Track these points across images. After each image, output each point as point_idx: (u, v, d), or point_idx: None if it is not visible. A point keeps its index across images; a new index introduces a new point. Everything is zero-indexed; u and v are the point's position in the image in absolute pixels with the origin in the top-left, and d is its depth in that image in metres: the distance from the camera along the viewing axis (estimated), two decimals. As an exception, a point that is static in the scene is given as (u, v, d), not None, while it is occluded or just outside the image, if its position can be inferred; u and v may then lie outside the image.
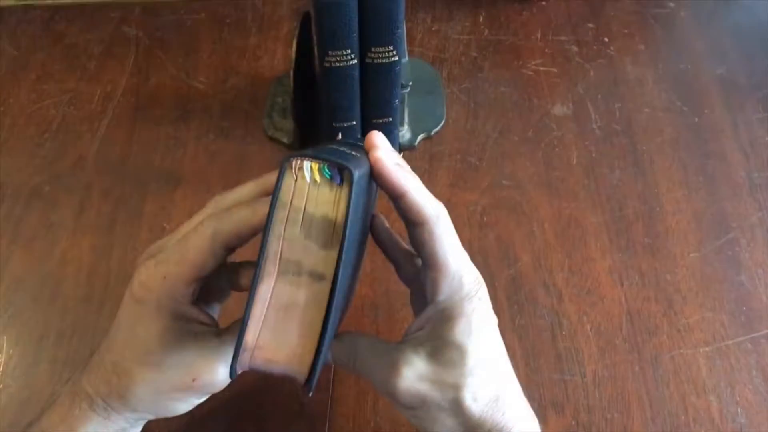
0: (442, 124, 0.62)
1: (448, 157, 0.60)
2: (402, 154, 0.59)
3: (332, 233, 0.30)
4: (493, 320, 0.38)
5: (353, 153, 0.33)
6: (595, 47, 0.69)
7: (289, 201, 0.30)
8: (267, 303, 0.30)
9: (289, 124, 0.61)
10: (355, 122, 0.54)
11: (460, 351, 0.34)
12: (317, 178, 0.30)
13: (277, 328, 0.30)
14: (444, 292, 0.34)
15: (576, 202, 0.57)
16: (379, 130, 0.55)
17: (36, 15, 0.72)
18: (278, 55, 0.68)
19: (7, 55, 0.68)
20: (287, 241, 0.30)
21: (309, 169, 0.30)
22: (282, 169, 0.30)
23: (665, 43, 0.70)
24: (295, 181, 0.30)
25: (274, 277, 0.30)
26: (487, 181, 0.58)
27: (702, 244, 0.55)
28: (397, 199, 0.33)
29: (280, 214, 0.30)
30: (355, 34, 0.47)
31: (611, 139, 0.61)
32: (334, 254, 0.30)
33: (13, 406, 0.46)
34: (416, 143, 0.60)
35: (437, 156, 0.60)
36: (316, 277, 0.30)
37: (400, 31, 0.48)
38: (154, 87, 0.65)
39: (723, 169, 0.59)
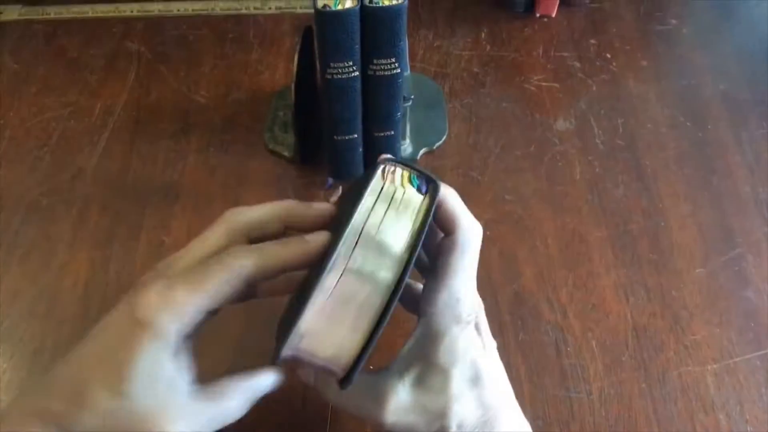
0: (444, 138, 0.62)
1: (450, 171, 0.60)
2: (404, 168, 0.59)
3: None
4: (490, 344, 0.37)
5: None
6: (597, 63, 0.69)
7: (373, 204, 0.31)
8: (329, 293, 0.30)
9: (290, 138, 0.60)
10: (356, 135, 0.54)
11: (444, 375, 0.34)
12: (405, 185, 0.32)
13: (332, 320, 0.30)
14: (437, 306, 0.34)
15: (579, 216, 0.56)
16: (380, 144, 0.55)
17: (38, 29, 0.72)
18: (280, 70, 0.68)
19: (8, 69, 0.68)
20: (363, 239, 0.31)
21: (400, 175, 0.32)
22: (374, 170, 0.32)
23: (668, 60, 0.70)
24: (383, 185, 0.32)
25: (342, 270, 0.30)
26: (489, 195, 0.58)
27: (708, 259, 0.54)
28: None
29: (361, 214, 0.31)
30: (357, 46, 0.47)
31: (615, 154, 0.61)
32: (404, 259, 0.31)
33: (5, 421, 0.45)
34: (418, 157, 0.60)
35: (439, 170, 0.60)
36: (381, 278, 0.31)
37: (402, 43, 0.47)
38: (155, 101, 0.65)
39: (728, 185, 0.59)
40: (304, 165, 0.59)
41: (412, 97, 0.55)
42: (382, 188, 0.32)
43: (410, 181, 0.32)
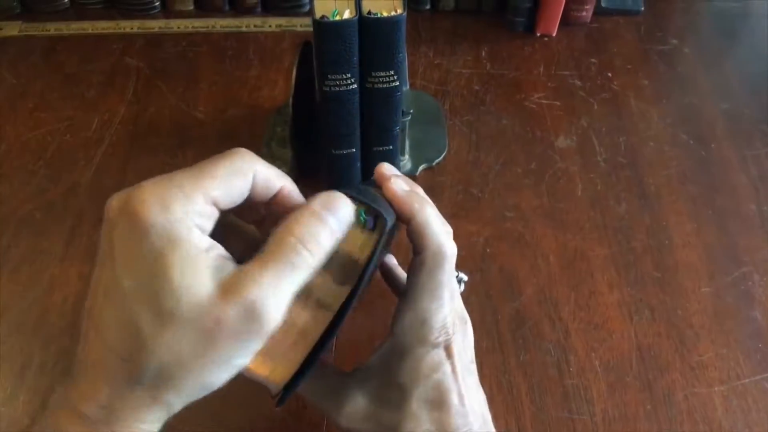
0: (443, 154, 0.61)
1: (449, 187, 0.59)
2: (403, 185, 0.58)
3: (351, 271, 0.31)
4: (465, 367, 0.36)
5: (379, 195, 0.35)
6: (598, 82, 0.68)
7: None
8: None
9: (287, 153, 0.59)
10: (354, 149, 0.53)
11: (401, 392, 0.34)
12: (352, 218, 0.30)
13: (272, 339, 0.28)
14: (402, 326, 0.34)
15: (582, 234, 0.55)
16: (379, 159, 0.54)
17: (37, 45, 0.72)
18: (279, 87, 0.68)
19: (6, 83, 0.68)
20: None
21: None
22: None
23: (669, 79, 0.69)
24: None
25: None
26: (489, 212, 0.57)
27: (713, 278, 0.53)
28: (405, 224, 0.34)
29: None
30: (356, 58, 0.46)
31: (617, 171, 0.60)
32: (347, 291, 0.31)
33: (-13, 439, 0.44)
34: (417, 173, 0.59)
35: (438, 186, 0.59)
36: (323, 306, 0.31)
37: (401, 55, 0.47)
38: (152, 116, 0.65)
39: (733, 203, 0.58)
40: (302, 180, 0.58)
41: (411, 111, 0.54)
42: None
43: (357, 215, 0.31)
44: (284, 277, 0.26)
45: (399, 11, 0.44)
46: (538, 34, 0.73)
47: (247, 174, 0.29)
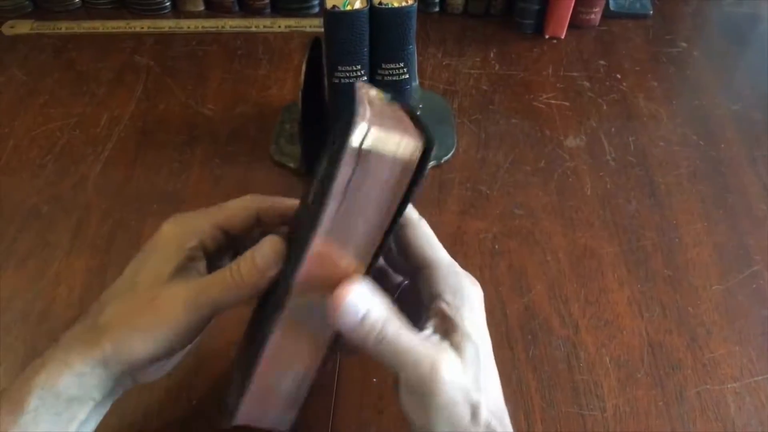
0: (452, 152, 0.61)
1: (458, 185, 0.58)
2: (411, 181, 0.58)
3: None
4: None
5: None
6: (607, 83, 0.68)
7: None
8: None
9: (296, 149, 0.59)
10: (363, 144, 0.53)
11: (473, 343, 0.33)
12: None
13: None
14: (444, 283, 0.34)
15: (591, 231, 0.55)
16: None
17: (48, 43, 0.72)
18: (288, 85, 0.68)
19: (16, 80, 0.68)
20: None
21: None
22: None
23: (678, 81, 0.69)
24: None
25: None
26: (498, 209, 0.57)
27: (724, 276, 0.52)
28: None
29: None
30: (366, 49, 0.46)
31: (626, 171, 0.60)
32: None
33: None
34: (425, 171, 0.59)
35: (447, 184, 0.58)
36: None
37: (411, 47, 0.47)
38: (161, 113, 0.65)
39: (743, 203, 0.57)
40: (310, 175, 0.58)
41: (421, 106, 0.54)
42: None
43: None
44: (219, 295, 0.33)
45: (410, 1, 0.45)
46: (547, 37, 0.73)
47: (247, 205, 0.37)
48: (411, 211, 0.35)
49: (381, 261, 0.36)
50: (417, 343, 0.32)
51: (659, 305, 0.50)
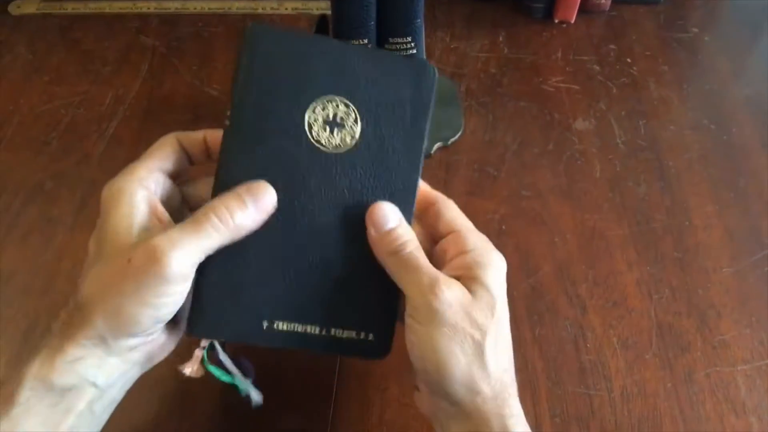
0: (459, 134, 0.60)
1: (465, 166, 0.58)
2: (417, 161, 0.57)
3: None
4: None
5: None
6: (617, 67, 0.67)
7: None
8: None
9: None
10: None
11: (492, 297, 0.33)
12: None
13: None
14: (474, 243, 0.34)
15: (600, 213, 0.54)
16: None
17: (54, 23, 0.72)
18: (294, 67, 0.67)
19: (22, 59, 0.68)
20: None
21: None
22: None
23: (689, 66, 0.68)
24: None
25: None
26: (506, 190, 0.56)
27: (735, 259, 0.51)
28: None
29: None
30: (373, 23, 0.46)
31: (636, 154, 0.59)
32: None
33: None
34: (432, 152, 0.58)
35: (454, 165, 0.58)
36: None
37: (419, 21, 0.46)
38: (167, 92, 0.64)
39: (755, 186, 0.56)
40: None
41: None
42: None
43: None
44: (192, 239, 0.31)
45: (418, -27, 0.44)
46: (557, 21, 0.72)
47: (171, 141, 0.36)
48: (438, 193, 0.37)
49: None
50: (429, 267, 0.33)
51: (668, 287, 0.49)
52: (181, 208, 0.37)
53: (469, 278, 0.33)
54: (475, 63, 0.68)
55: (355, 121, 0.34)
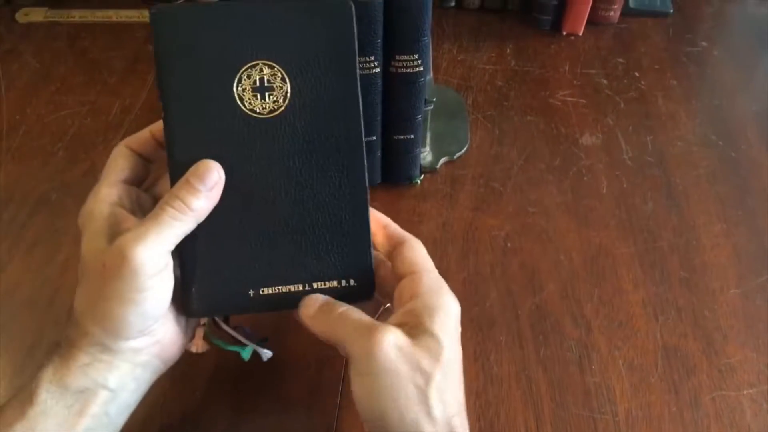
0: (465, 148, 0.60)
1: (470, 181, 0.58)
2: (423, 177, 0.57)
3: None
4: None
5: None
6: (625, 81, 0.67)
7: None
8: None
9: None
10: (375, 137, 0.52)
11: (437, 342, 0.33)
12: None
13: None
14: (427, 286, 0.34)
15: (606, 231, 0.54)
16: (400, 148, 0.54)
17: (62, 31, 0.72)
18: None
19: (29, 67, 0.68)
20: None
21: None
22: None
23: (698, 80, 0.68)
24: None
25: None
26: (511, 206, 0.56)
27: (743, 280, 0.51)
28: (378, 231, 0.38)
29: None
30: (380, 41, 0.45)
31: (643, 170, 0.59)
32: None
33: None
34: (438, 166, 0.58)
35: (459, 180, 0.58)
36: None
37: (426, 39, 0.46)
38: (173, 103, 0.64)
39: (763, 205, 0.56)
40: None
41: (434, 100, 0.53)
42: None
43: None
44: (153, 232, 0.32)
45: (426, -8, 0.44)
46: (565, 33, 0.72)
47: (121, 151, 0.38)
48: (405, 232, 0.38)
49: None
50: (364, 318, 0.34)
51: (674, 308, 0.49)
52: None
53: (414, 325, 0.33)
54: (482, 75, 0.68)
55: (283, 80, 0.34)
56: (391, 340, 0.32)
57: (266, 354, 0.39)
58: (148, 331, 0.34)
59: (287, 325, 0.45)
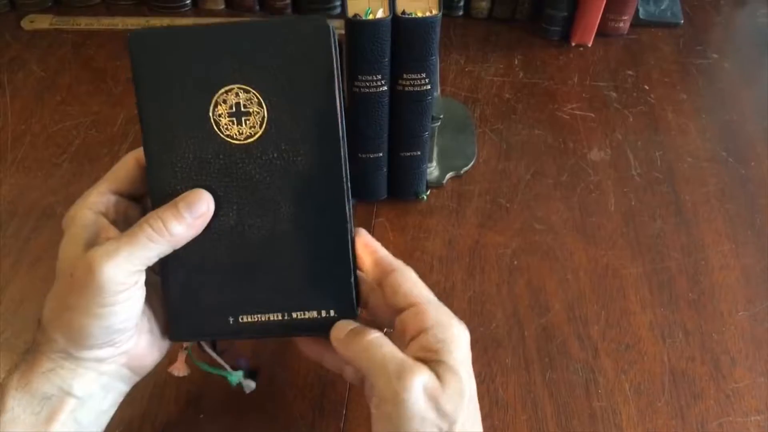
0: (472, 163, 0.59)
1: (477, 197, 0.57)
2: (429, 192, 0.57)
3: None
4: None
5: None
6: (634, 94, 0.66)
7: None
8: None
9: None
10: (381, 154, 0.52)
11: (460, 380, 0.32)
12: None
13: None
14: (435, 319, 0.33)
15: (614, 250, 0.53)
16: (406, 164, 0.53)
17: (67, 39, 0.71)
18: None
19: (35, 76, 0.67)
20: None
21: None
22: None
23: (708, 94, 0.67)
24: None
25: None
26: (518, 223, 0.55)
27: (752, 302, 0.50)
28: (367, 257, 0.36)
29: None
30: (387, 59, 0.45)
31: (652, 187, 0.58)
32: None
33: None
34: (444, 181, 0.58)
35: (466, 195, 0.57)
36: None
37: (433, 58, 0.45)
38: (178, 113, 0.64)
39: (773, 224, 0.55)
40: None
41: (441, 117, 0.52)
42: None
43: None
44: (127, 250, 0.32)
45: (434, 12, 0.43)
46: (574, 44, 0.71)
47: (127, 162, 0.37)
48: (395, 259, 0.36)
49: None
50: (394, 353, 0.32)
51: (682, 330, 0.49)
52: None
53: (434, 361, 0.32)
54: (489, 87, 0.67)
55: (260, 104, 0.33)
56: (421, 384, 0.31)
57: (249, 386, 0.39)
58: (113, 342, 0.34)
59: (291, 346, 0.45)
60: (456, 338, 0.33)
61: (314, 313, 0.36)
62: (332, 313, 0.36)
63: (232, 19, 0.74)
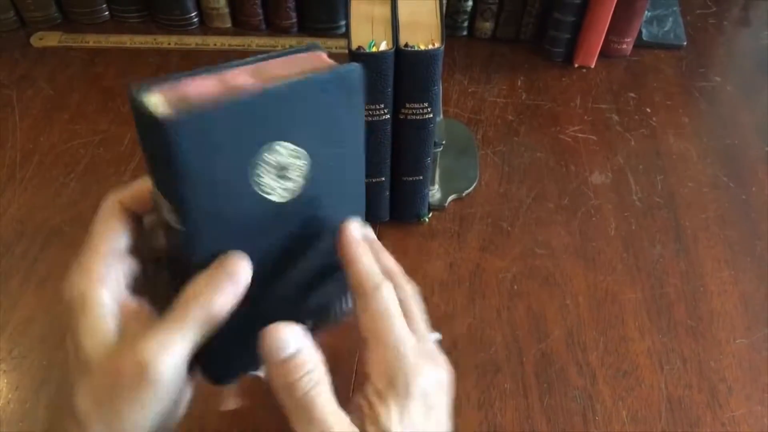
0: (474, 186, 0.60)
1: (479, 220, 0.58)
2: (431, 214, 0.57)
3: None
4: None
5: None
6: (636, 117, 0.67)
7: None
8: None
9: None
10: (384, 178, 0.52)
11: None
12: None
13: None
14: (382, 366, 0.30)
15: (613, 275, 0.54)
16: (408, 188, 0.54)
17: (76, 56, 0.72)
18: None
19: (43, 94, 0.68)
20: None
21: None
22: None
23: (710, 117, 0.67)
24: None
25: None
26: (519, 247, 0.56)
27: (750, 330, 0.51)
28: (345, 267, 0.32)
29: None
30: (390, 90, 0.46)
31: (652, 212, 0.58)
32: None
33: (4, 455, 0.44)
34: (446, 204, 0.58)
35: (468, 218, 0.58)
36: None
37: (436, 88, 0.46)
38: (184, 133, 0.65)
39: (773, 251, 0.56)
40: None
41: (444, 142, 0.53)
42: None
43: None
44: (178, 338, 0.29)
45: (437, 45, 0.44)
46: (576, 65, 0.72)
47: (113, 211, 0.32)
48: (366, 281, 0.32)
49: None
50: (325, 415, 0.28)
51: (680, 357, 0.49)
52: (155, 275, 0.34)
53: (366, 422, 0.29)
54: (492, 109, 0.68)
55: (299, 158, 0.31)
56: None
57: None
58: (169, 428, 0.31)
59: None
60: (408, 392, 0.29)
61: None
62: None
63: (238, 38, 0.75)
